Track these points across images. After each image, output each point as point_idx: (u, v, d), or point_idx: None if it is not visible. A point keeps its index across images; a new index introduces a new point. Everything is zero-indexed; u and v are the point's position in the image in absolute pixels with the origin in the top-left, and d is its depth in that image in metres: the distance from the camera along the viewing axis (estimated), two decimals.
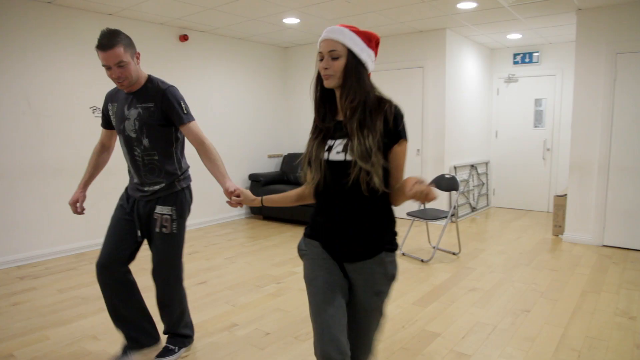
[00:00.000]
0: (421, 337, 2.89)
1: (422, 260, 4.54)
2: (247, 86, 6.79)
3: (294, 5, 4.74)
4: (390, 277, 1.60)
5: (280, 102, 7.29)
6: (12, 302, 3.51)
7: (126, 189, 2.51)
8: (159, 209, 2.37)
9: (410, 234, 5.53)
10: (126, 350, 2.49)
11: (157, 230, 2.38)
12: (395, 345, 2.77)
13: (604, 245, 5.01)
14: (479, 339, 2.84)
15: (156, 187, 2.36)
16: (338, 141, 1.56)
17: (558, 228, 5.50)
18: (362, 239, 1.55)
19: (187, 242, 5.27)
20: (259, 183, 6.56)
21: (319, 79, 1.60)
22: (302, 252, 1.68)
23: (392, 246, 1.61)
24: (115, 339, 2.87)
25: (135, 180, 2.40)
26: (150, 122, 2.25)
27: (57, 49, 4.64)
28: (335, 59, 1.52)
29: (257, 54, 6.86)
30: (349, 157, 1.50)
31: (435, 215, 4.68)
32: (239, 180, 6.64)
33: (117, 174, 5.23)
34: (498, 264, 4.42)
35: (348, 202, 1.55)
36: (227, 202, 1.96)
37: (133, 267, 2.54)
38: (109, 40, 2.11)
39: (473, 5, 4.80)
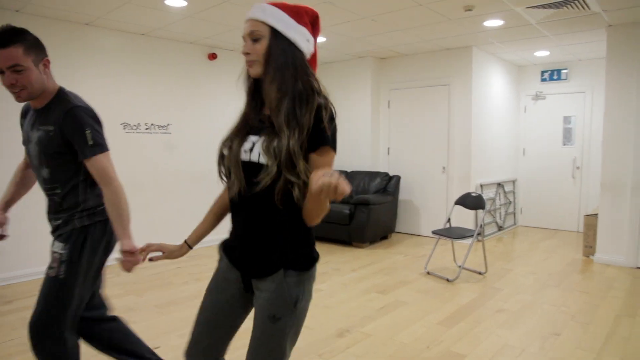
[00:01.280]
0: (446, 358, 2.83)
1: (447, 280, 4.46)
2: None
3: (321, 24, 4.80)
4: (290, 301, 1.33)
5: None
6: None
7: None
8: (54, 247, 1.91)
9: (435, 253, 5.45)
10: None
11: (46, 271, 1.89)
12: None
13: (639, 267, 4.84)
14: None
15: (56, 223, 1.93)
16: (259, 139, 1.33)
17: (589, 249, 5.34)
18: (265, 253, 1.36)
19: (213, 257, 5.33)
20: None
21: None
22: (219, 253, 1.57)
23: (300, 264, 1.36)
24: None
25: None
26: (48, 151, 1.79)
27: (91, 67, 4.82)
28: (256, 40, 1.30)
29: None
30: (262, 160, 1.29)
31: (461, 234, 4.61)
32: None
33: (146, 187, 5.36)
34: (526, 285, 4.31)
35: (257, 211, 1.36)
36: (121, 261, 1.74)
37: None
38: (5, 38, 1.65)
39: (500, 23, 4.79)
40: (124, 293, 4.07)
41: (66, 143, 1.78)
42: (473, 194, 4.84)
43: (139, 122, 5.22)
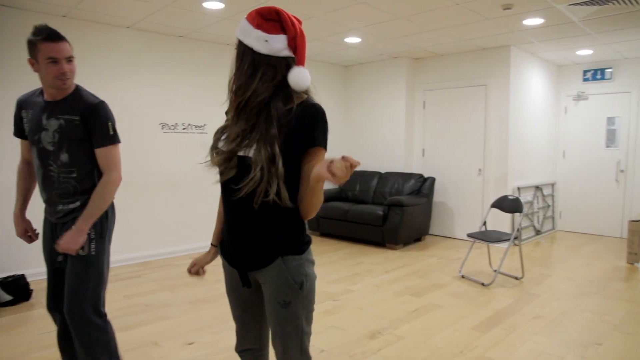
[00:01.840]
0: None
1: (482, 284, 4.37)
2: None
3: (356, 25, 4.80)
4: (296, 284, 1.43)
5: (340, 119, 7.35)
6: None
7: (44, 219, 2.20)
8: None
9: (470, 256, 5.35)
10: None
11: (74, 253, 2.02)
12: None
13: None
14: None
15: (71, 206, 2.06)
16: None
17: (633, 255, 5.13)
18: (259, 244, 1.44)
19: None
20: None
21: None
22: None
23: (295, 249, 1.45)
24: (176, 346, 2.97)
25: (45, 198, 2.10)
26: (72, 137, 2.01)
27: (131, 69, 4.96)
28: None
29: (319, 73, 6.98)
30: (250, 154, 1.38)
31: (497, 238, 4.51)
32: None
33: (183, 186, 5.47)
34: (565, 291, 4.17)
35: (247, 206, 1.42)
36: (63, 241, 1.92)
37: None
38: (58, 33, 1.93)
39: (540, 21, 4.65)
40: (158, 289, 4.18)
41: (87, 132, 2.02)
42: (510, 197, 4.73)
43: (176, 122, 5.35)
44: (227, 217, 1.51)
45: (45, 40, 1.89)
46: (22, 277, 3.89)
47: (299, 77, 1.39)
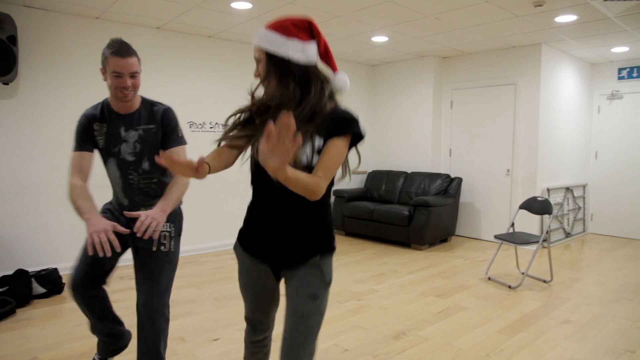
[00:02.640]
0: None
1: (509, 286, 4.30)
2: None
3: (383, 24, 4.77)
4: (327, 281, 1.52)
5: (366, 119, 7.33)
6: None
7: (108, 210, 2.26)
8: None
9: (497, 258, 5.26)
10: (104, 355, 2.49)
11: (154, 249, 2.15)
12: None
13: None
14: None
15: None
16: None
17: None
18: (298, 242, 1.49)
19: None
20: (343, 199, 6.61)
21: None
22: (236, 253, 1.66)
23: (328, 248, 1.54)
24: (202, 342, 3.02)
25: (126, 203, 2.21)
26: (152, 145, 2.15)
27: (162, 68, 5.06)
28: (259, 62, 1.46)
29: (345, 72, 6.97)
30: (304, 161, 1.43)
31: (526, 240, 4.42)
32: None
33: (211, 184, 5.55)
34: (596, 296, 4.06)
35: (285, 200, 1.46)
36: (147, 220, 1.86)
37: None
38: (127, 48, 2.04)
39: (573, 18, 4.54)
40: (185, 285, 4.25)
41: (162, 137, 2.17)
42: (539, 198, 4.63)
43: (204, 121, 5.43)
44: (267, 212, 1.53)
45: (113, 55, 1.99)
46: (55, 271, 4.02)
47: (344, 82, 1.53)
